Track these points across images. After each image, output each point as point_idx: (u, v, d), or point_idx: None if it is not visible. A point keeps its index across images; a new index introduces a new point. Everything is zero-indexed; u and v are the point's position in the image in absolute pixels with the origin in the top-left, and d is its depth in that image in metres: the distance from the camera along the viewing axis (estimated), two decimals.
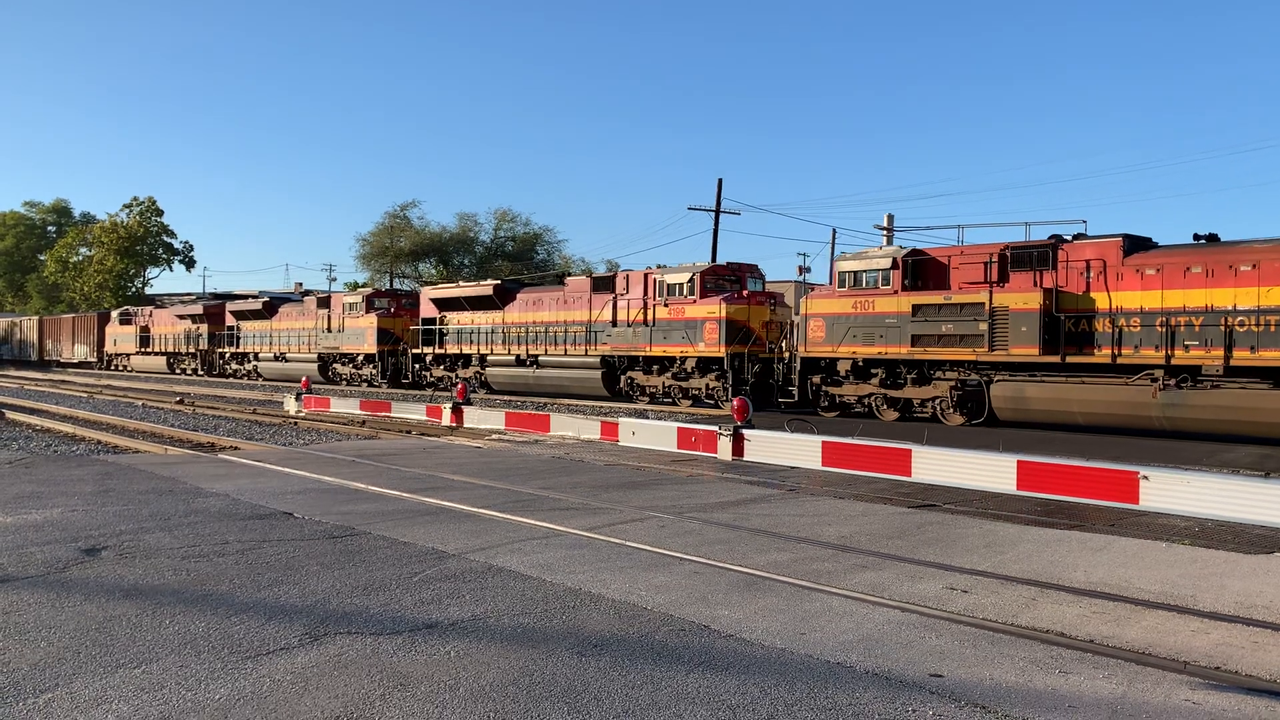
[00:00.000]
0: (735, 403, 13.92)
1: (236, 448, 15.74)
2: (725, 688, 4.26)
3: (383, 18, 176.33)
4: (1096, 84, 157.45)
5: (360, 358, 38.47)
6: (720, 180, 44.81)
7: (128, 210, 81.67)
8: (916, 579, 6.39)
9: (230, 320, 47.53)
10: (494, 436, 16.88)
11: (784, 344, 23.92)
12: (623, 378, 27.69)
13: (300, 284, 71.69)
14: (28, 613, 5.30)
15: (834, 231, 79.77)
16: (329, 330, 39.79)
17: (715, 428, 13.74)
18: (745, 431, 13.25)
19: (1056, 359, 18.45)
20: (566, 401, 27.55)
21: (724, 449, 13.28)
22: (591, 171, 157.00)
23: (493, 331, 31.99)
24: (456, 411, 19.32)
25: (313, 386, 27.47)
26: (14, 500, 9.11)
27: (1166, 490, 8.99)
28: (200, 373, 49.28)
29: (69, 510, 8.55)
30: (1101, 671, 4.55)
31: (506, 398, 29.58)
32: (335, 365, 40.13)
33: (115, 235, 79.20)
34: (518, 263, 68.81)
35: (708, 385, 25.24)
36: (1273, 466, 12.88)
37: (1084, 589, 6.16)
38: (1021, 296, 18.95)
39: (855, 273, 21.75)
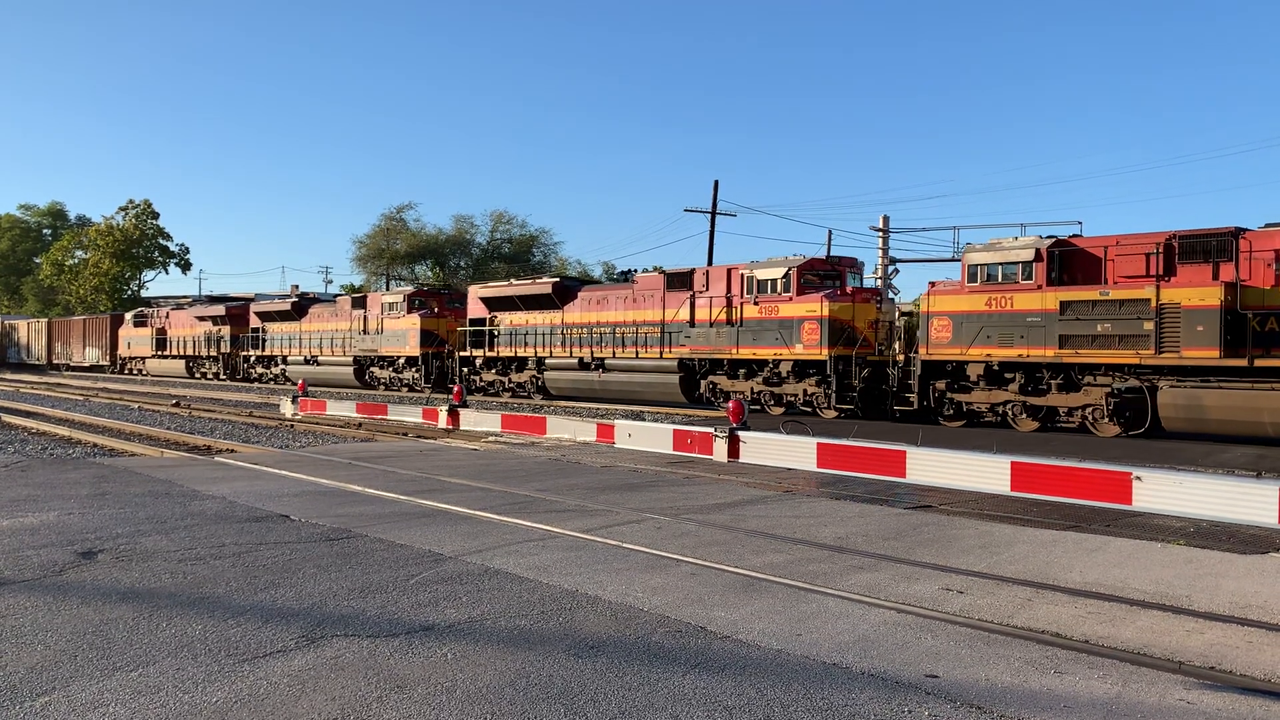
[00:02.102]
0: (730, 405, 13.94)
1: (233, 450, 15.73)
2: (722, 689, 4.27)
3: (378, 18, 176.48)
4: (1090, 87, 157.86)
5: (401, 361, 36.20)
6: (716, 182, 44.98)
7: (123, 213, 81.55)
8: (912, 580, 6.40)
9: (255, 322, 45.05)
10: (490, 439, 16.89)
11: (897, 345, 21.99)
12: (703, 382, 25.38)
13: (296, 286, 71.56)
14: (24, 616, 5.30)
15: (829, 233, 79.60)
16: (365, 332, 37.53)
17: (711, 429, 13.76)
18: (741, 433, 13.27)
19: (1241, 362, 16.11)
20: (637, 408, 25.66)
21: (720, 451, 13.29)
22: (587, 173, 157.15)
23: (551, 332, 29.89)
24: (453, 414, 19.33)
25: (308, 390, 27.40)
26: (10, 503, 9.09)
27: (1159, 491, 9.01)
28: (222, 377, 46.91)
29: (65, 513, 8.54)
30: (1097, 672, 4.56)
31: (567, 403, 27.91)
32: (373, 369, 37.88)
33: (111, 238, 79.03)
34: (514, 264, 68.83)
35: (806, 391, 22.96)
36: (1267, 467, 12.92)
37: (1079, 589, 6.18)
38: (1196, 291, 16.65)
39: (988, 265, 19.40)
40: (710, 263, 44.34)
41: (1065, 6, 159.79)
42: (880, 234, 37.77)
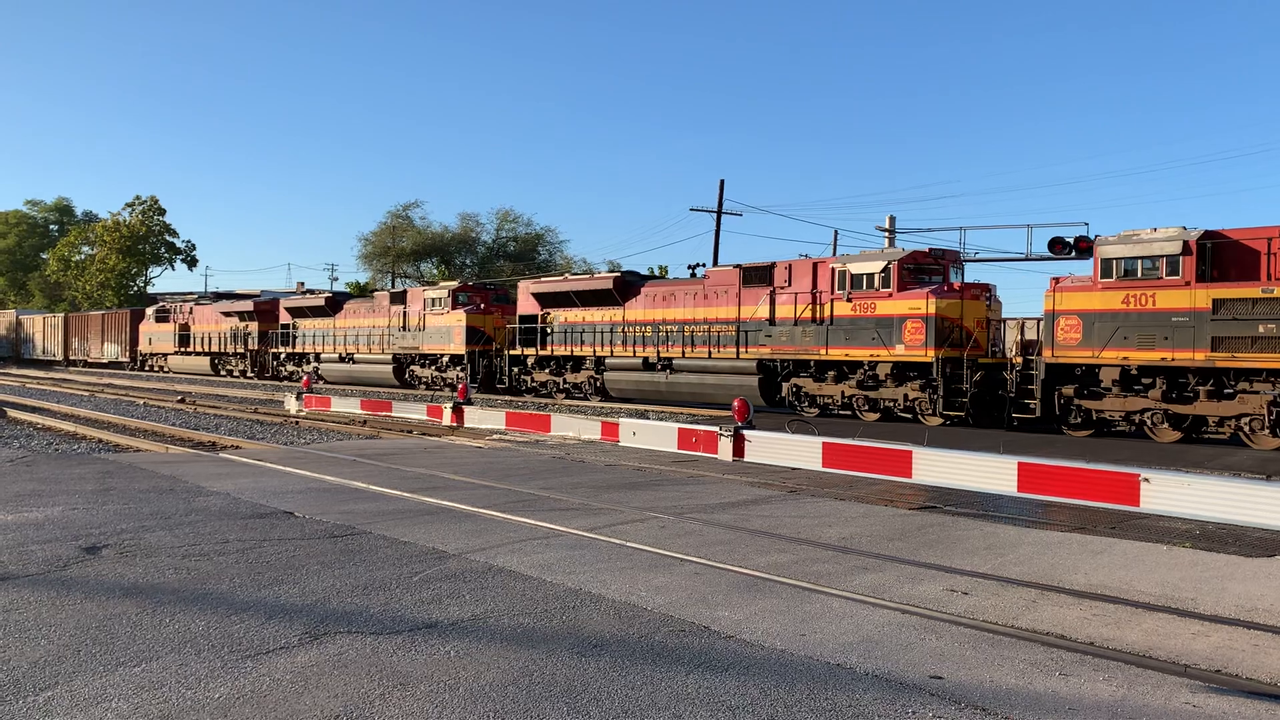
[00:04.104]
0: (736, 403, 13.93)
1: (238, 446, 15.75)
2: (725, 688, 4.26)
3: (386, 16, 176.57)
4: (1098, 87, 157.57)
5: (445, 359, 34.15)
6: (722, 181, 44.74)
7: (130, 209, 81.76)
8: (917, 581, 6.38)
9: (285, 318, 42.87)
10: (494, 436, 16.89)
11: (1015, 347, 20.37)
12: (785, 385, 23.45)
13: (302, 283, 71.56)
14: (28, 611, 5.31)
15: (835, 233, 79.53)
16: (405, 329, 35.59)
17: (716, 428, 13.75)
18: (746, 432, 13.25)
19: None
20: (707, 412, 23.85)
21: (725, 450, 13.27)
22: (593, 172, 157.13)
23: (611, 330, 28.05)
24: (457, 411, 19.33)
25: (311, 386, 27.39)
26: (15, 498, 9.11)
27: (1168, 493, 8.97)
28: (250, 375, 44.66)
29: (70, 508, 8.56)
30: (1102, 674, 4.54)
31: (630, 406, 26.20)
32: (413, 367, 35.81)
33: (117, 234, 79.22)
34: (519, 263, 68.91)
35: (907, 396, 20.99)
36: (1275, 470, 12.87)
37: (1084, 591, 6.16)
38: None
39: (1126, 259, 17.50)
40: (715, 261, 44.24)
41: (1074, 8, 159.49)
42: (887, 234, 37.72)
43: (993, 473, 10.38)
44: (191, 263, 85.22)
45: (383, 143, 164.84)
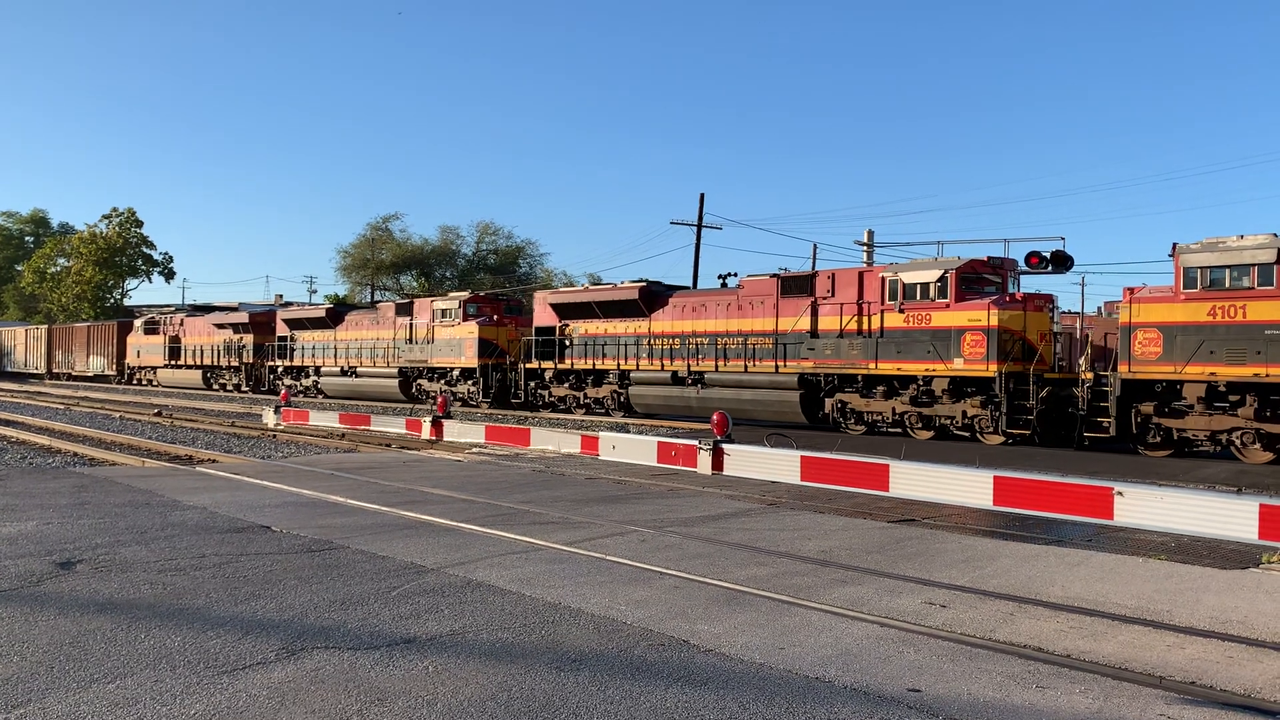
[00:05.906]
0: (715, 417, 13.96)
1: (215, 460, 15.62)
2: (704, 703, 4.26)
3: (365, 27, 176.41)
4: (1073, 104, 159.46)
5: (455, 373, 32.88)
6: (702, 195, 44.96)
7: (107, 221, 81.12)
8: (895, 594, 6.41)
9: (283, 329, 41.36)
10: (474, 450, 16.84)
11: (1082, 361, 19.35)
12: (829, 401, 22.33)
13: (280, 295, 71.16)
14: (0, 626, 5.24)
15: (814, 247, 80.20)
16: (412, 341, 34.31)
17: (695, 442, 13.76)
18: (725, 446, 13.27)
19: None
20: (744, 429, 21.90)
21: (704, 463, 13.29)
22: (574, 185, 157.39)
23: (637, 343, 26.93)
24: (436, 425, 19.27)
25: (283, 399, 27.22)
26: None
27: (1141, 506, 9.06)
28: (244, 389, 43.20)
29: (44, 523, 8.46)
30: (1078, 686, 4.57)
31: (657, 423, 25.06)
32: (421, 381, 34.38)
33: (94, 246, 78.55)
34: (500, 275, 68.87)
35: (965, 412, 19.91)
36: (1247, 483, 13.00)
37: (1061, 604, 6.20)
38: None
39: (1212, 269, 16.39)
40: (696, 275, 44.39)
41: (1052, 26, 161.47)
42: (865, 248, 37.92)
43: (969, 487, 10.44)
44: (169, 275, 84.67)
45: (362, 155, 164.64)
